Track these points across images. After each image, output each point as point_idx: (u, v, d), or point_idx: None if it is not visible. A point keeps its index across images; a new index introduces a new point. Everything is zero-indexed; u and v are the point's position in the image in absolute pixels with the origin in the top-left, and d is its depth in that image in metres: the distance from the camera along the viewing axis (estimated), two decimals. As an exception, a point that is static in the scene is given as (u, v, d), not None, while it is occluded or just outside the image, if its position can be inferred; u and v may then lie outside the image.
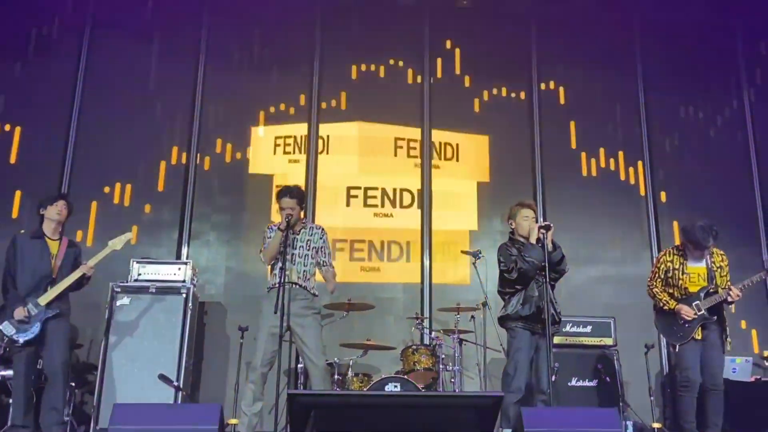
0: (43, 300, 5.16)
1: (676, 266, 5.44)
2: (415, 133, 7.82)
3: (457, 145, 7.84)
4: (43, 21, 7.71)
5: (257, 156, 7.59)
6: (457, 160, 7.81)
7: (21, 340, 5.08)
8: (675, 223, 7.54)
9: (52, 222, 5.41)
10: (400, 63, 8.00)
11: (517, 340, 5.12)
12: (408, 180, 7.69)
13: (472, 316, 6.35)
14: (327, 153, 7.69)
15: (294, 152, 7.64)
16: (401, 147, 7.77)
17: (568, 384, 6.26)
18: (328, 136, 7.73)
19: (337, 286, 5.52)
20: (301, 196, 5.46)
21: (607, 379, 6.28)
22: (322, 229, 5.54)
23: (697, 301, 5.32)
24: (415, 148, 7.78)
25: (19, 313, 5.08)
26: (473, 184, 7.73)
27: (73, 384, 5.78)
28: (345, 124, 7.79)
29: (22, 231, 5.86)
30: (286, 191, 5.37)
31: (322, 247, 5.45)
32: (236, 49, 7.87)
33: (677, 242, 6.25)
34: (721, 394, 5.27)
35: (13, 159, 7.29)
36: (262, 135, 7.63)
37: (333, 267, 5.52)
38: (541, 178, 7.74)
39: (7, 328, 5.08)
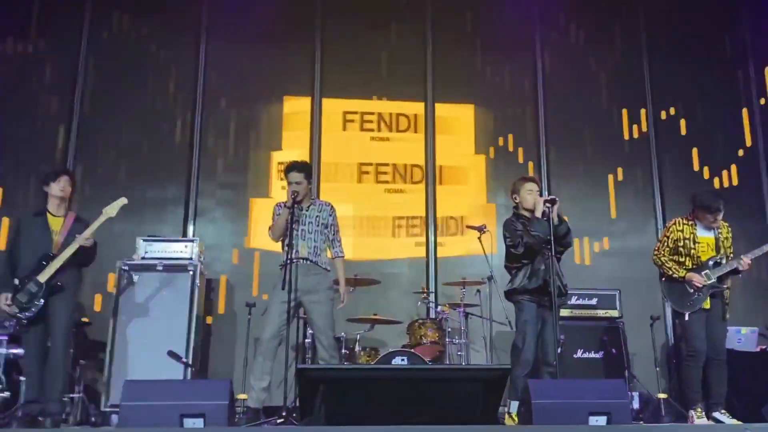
0: (42, 276, 5.09)
1: (687, 236, 5.45)
2: (418, 107, 7.80)
3: (457, 117, 7.82)
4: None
5: (263, 133, 7.57)
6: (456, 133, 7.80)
7: (25, 320, 5.07)
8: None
9: (55, 198, 5.34)
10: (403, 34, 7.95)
11: (524, 312, 5.14)
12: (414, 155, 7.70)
13: (478, 290, 6.39)
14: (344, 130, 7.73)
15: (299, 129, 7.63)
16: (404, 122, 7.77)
17: (574, 356, 6.30)
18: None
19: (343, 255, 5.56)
20: (308, 171, 5.47)
21: (613, 350, 6.32)
22: (332, 206, 5.55)
23: (707, 270, 5.34)
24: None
25: (2, 300, 5.08)
26: (479, 158, 7.72)
27: (83, 361, 5.83)
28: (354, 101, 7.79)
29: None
30: (293, 166, 5.39)
31: (331, 225, 5.48)
32: (238, 23, 7.80)
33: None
34: (724, 363, 5.30)
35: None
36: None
37: (343, 252, 5.55)
38: (545, 150, 7.73)
39: (12, 309, 5.07)
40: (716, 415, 5.21)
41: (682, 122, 7.96)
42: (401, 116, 7.79)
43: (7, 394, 5.26)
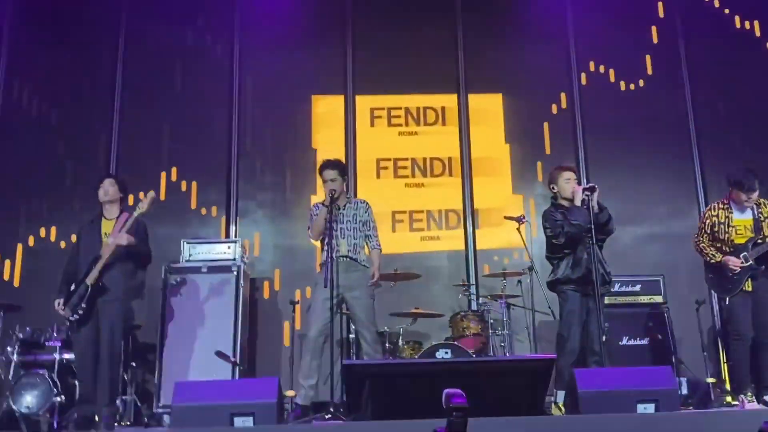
0: (90, 278, 5.18)
1: (722, 220, 5.37)
2: (451, 99, 7.79)
3: (490, 109, 7.79)
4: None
5: (299, 132, 7.64)
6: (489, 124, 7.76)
7: (75, 322, 5.19)
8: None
9: (105, 204, 5.48)
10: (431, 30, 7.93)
11: (569, 302, 5.14)
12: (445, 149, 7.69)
13: (519, 281, 6.37)
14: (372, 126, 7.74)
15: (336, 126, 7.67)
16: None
17: (620, 343, 6.24)
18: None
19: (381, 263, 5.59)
20: (343, 168, 5.56)
21: (659, 336, 6.25)
22: (367, 204, 5.66)
23: (745, 252, 5.25)
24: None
25: (58, 305, 5.27)
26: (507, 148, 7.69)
27: (134, 364, 5.95)
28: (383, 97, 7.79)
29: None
30: (327, 164, 5.49)
31: (367, 221, 5.56)
32: (270, 25, 7.87)
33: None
34: (773, 347, 5.21)
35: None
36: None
37: (380, 245, 5.60)
38: (583, 140, 7.65)
39: (67, 312, 5.23)
40: (767, 398, 5.14)
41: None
42: (429, 110, 7.78)
43: (62, 398, 5.37)
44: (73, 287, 5.27)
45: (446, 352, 5.68)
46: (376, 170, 7.59)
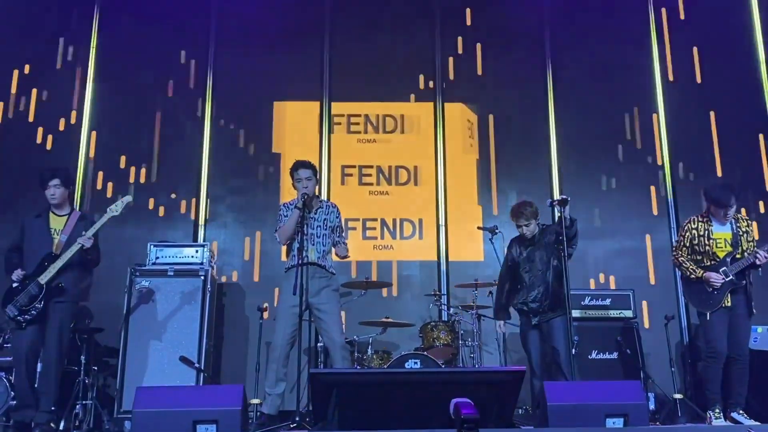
0: (44, 278, 5.00)
1: (702, 233, 5.37)
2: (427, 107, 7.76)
3: (469, 120, 7.77)
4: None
5: (271, 136, 7.56)
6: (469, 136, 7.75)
7: (24, 323, 4.96)
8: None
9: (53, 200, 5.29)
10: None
11: (521, 326, 5.53)
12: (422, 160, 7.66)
13: (490, 292, 6.35)
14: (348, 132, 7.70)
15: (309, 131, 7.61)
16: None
17: (589, 357, 6.24)
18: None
19: (348, 255, 5.48)
20: (315, 169, 5.44)
21: (628, 351, 6.25)
22: (338, 208, 5.52)
23: (724, 267, 5.27)
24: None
25: (17, 274, 5.01)
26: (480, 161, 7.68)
27: (96, 368, 5.83)
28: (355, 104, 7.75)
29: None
30: (301, 163, 5.37)
31: (338, 227, 5.44)
32: (247, 30, 7.81)
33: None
34: (746, 364, 5.22)
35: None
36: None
37: (347, 248, 5.48)
38: (555, 151, 7.66)
39: (11, 310, 4.98)
40: (734, 415, 5.14)
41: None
42: (396, 118, 7.74)
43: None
44: (15, 284, 5.04)
45: (415, 363, 5.63)
46: (341, 177, 7.54)
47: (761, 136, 7.66)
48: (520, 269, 5.46)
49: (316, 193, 5.46)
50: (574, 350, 4.99)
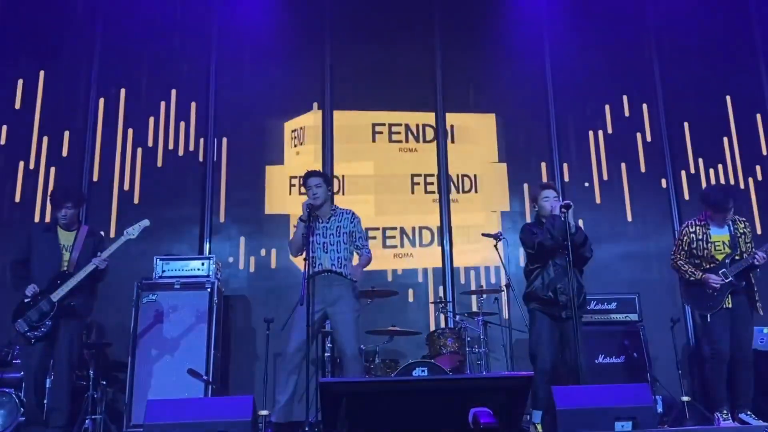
0: (56, 296, 5.05)
1: (700, 236, 5.40)
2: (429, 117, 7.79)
3: (470, 127, 7.82)
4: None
5: (272, 149, 7.59)
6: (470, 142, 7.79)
7: (33, 339, 5.00)
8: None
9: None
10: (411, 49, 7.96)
11: (536, 323, 5.19)
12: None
13: (496, 298, 6.36)
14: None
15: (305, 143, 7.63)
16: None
17: (596, 361, 6.24)
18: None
19: (363, 273, 5.41)
20: (327, 178, 5.47)
21: (635, 354, 6.26)
22: (353, 213, 5.49)
23: (723, 269, 5.29)
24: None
25: (31, 289, 5.04)
26: (491, 167, 7.71)
27: (105, 382, 5.85)
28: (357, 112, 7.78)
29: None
30: (312, 172, 5.41)
31: (353, 231, 5.42)
32: (248, 43, 7.84)
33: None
34: (750, 364, 5.24)
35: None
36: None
37: (370, 251, 5.46)
38: (558, 155, 7.69)
39: (21, 325, 5.02)
40: (742, 416, 5.16)
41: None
42: (404, 126, 7.78)
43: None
44: (28, 299, 5.08)
45: (423, 371, 5.64)
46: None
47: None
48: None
49: (328, 201, 5.43)
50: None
